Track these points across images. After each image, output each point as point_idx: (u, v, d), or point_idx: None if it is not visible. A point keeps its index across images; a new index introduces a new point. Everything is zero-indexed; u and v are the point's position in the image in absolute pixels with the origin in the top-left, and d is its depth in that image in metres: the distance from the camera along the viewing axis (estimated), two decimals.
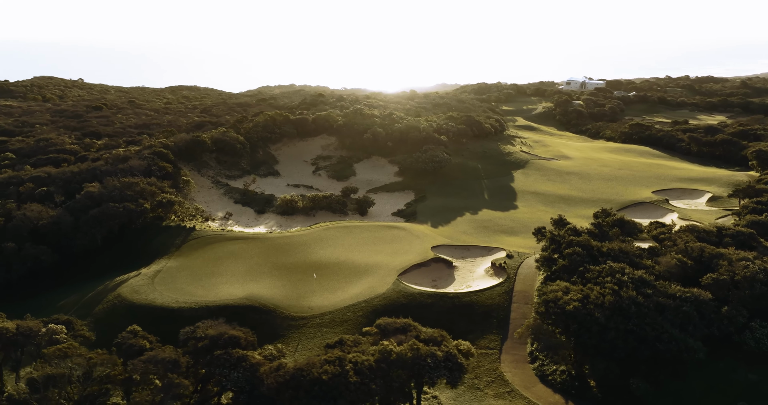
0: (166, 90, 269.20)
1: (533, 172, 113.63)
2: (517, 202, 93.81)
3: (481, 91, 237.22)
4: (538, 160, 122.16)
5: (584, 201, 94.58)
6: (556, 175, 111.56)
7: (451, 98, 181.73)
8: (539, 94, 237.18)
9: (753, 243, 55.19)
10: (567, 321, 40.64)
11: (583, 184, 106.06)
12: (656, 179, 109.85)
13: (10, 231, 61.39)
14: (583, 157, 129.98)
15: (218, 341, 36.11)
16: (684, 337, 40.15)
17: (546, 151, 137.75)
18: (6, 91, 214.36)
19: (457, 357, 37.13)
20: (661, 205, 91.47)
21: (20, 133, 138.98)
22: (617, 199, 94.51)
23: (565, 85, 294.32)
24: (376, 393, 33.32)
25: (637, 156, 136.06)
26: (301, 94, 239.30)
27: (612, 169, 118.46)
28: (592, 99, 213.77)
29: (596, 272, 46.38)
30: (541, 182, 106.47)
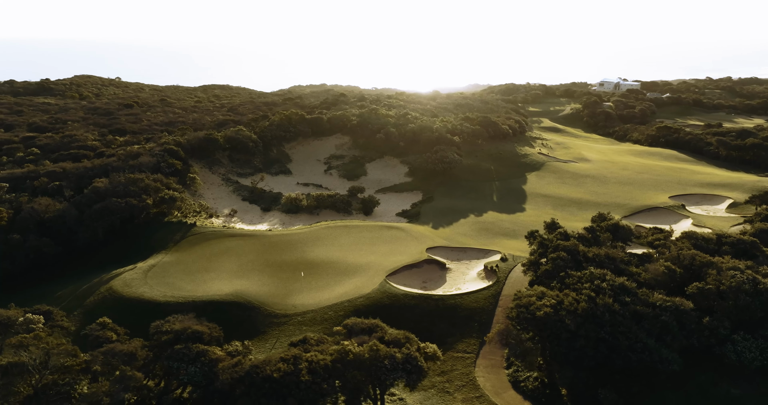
0: (198, 89, 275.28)
1: (548, 174, 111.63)
2: (526, 205, 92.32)
3: (508, 91, 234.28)
4: (555, 163, 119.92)
5: (596, 205, 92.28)
6: (571, 178, 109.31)
7: (475, 99, 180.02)
8: (568, 95, 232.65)
9: (755, 252, 52.89)
10: (537, 327, 39.82)
11: (598, 187, 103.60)
12: (677, 184, 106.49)
13: (18, 223, 63.93)
14: (603, 160, 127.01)
15: (181, 335, 36.81)
16: (659, 348, 38.82)
17: (566, 153, 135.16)
18: (47, 89, 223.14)
19: (418, 360, 36.81)
20: (676, 211, 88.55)
21: (52, 129, 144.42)
22: (630, 204, 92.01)
23: (598, 86, 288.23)
24: (328, 393, 33.36)
25: (661, 160, 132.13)
26: (329, 94, 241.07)
27: (632, 172, 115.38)
28: (622, 101, 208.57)
29: (576, 278, 45.26)
30: (554, 185, 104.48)
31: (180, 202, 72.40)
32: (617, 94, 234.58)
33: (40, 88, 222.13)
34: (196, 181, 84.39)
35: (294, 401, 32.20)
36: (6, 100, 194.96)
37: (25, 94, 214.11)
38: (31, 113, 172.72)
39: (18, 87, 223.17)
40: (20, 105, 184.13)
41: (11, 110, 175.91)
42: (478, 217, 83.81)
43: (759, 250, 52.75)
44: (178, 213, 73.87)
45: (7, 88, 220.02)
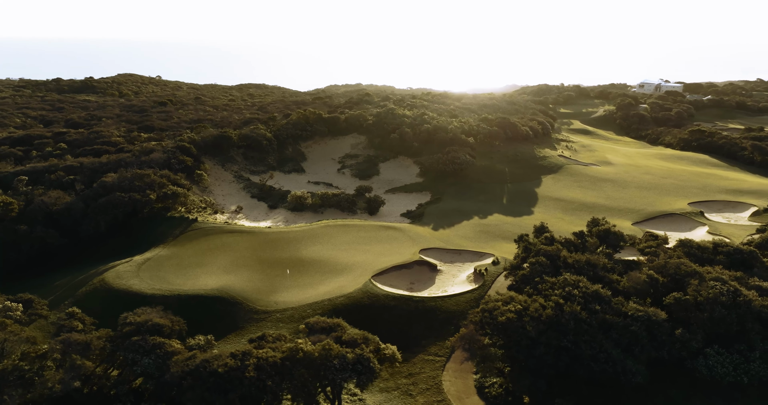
0: (234, 87, 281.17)
1: (565, 177, 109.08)
2: (535, 208, 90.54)
3: (540, 92, 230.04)
4: (575, 166, 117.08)
5: (609, 209, 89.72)
6: (589, 182, 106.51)
7: (502, 100, 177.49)
8: (603, 96, 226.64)
9: (753, 262, 50.41)
10: (498, 332, 39.11)
11: (616, 191, 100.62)
12: (701, 190, 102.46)
13: (27, 214, 66.94)
14: (627, 164, 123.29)
15: (141, 328, 37.85)
16: (623, 359, 37.52)
17: (589, 156, 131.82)
18: (90, 87, 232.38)
19: (370, 361, 36.73)
20: (692, 218, 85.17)
21: (87, 125, 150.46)
22: (645, 210, 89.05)
23: (638, 87, 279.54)
24: (272, 390, 33.69)
25: (690, 164, 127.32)
26: (356, 93, 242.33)
27: (655, 177, 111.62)
28: (659, 103, 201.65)
29: (550, 284, 44.18)
30: (569, 188, 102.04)
31: (183, 197, 74.17)
32: (654, 95, 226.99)
33: (84, 86, 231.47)
34: (203, 177, 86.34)
35: (235, 396, 32.65)
36: (50, 97, 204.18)
37: (69, 92, 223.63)
38: (71, 110, 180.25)
39: (63, 85, 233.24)
40: (62, 102, 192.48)
41: (53, 107, 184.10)
42: (482, 220, 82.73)
43: (757, 261, 50.25)
44: (182, 208, 75.77)
45: (54, 86, 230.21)
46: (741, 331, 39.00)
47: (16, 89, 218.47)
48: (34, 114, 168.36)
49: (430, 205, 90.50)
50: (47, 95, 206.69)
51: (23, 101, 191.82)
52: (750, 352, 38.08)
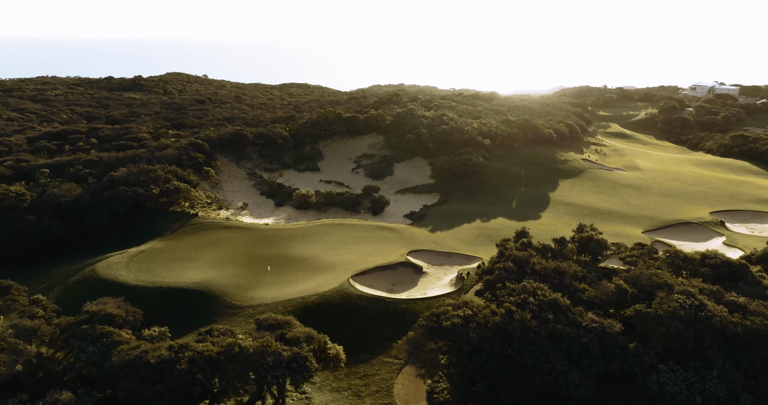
0: (276, 87, 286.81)
1: (585, 182, 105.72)
2: (544, 213, 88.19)
3: (580, 94, 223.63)
4: (598, 170, 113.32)
5: (623, 216, 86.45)
6: (609, 187, 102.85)
7: (535, 102, 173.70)
8: (647, 99, 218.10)
9: (740, 276, 47.49)
10: (442, 337, 38.40)
11: (635, 198, 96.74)
12: (729, 198, 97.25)
13: (38, 205, 70.71)
14: (655, 170, 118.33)
15: (94, 317, 39.33)
16: (567, 371, 36.12)
17: (618, 160, 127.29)
18: (138, 85, 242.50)
19: (308, 360, 36.83)
20: (710, 227, 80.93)
21: (125, 121, 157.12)
22: (661, 218, 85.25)
23: (689, 90, 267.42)
24: (201, 383, 34.34)
25: (726, 171, 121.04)
26: (386, 93, 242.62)
27: (682, 184, 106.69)
28: (705, 106, 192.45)
29: (509, 290, 43.01)
30: (586, 193, 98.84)
31: (186, 193, 76.40)
32: (702, 98, 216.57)
33: (133, 84, 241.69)
34: (210, 173, 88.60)
35: (163, 387, 33.47)
36: (99, 94, 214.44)
37: (119, 90, 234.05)
38: (116, 107, 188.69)
39: (114, 83, 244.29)
40: (109, 99, 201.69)
41: (100, 104, 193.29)
42: (484, 223, 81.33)
43: (745, 275, 47.31)
44: (186, 203, 78.06)
45: (105, 84, 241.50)
46: (698, 348, 36.80)
47: (70, 87, 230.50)
48: (80, 110, 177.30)
49: (435, 206, 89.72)
50: (97, 93, 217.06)
51: (74, 98, 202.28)
52: (707, 370, 35.87)
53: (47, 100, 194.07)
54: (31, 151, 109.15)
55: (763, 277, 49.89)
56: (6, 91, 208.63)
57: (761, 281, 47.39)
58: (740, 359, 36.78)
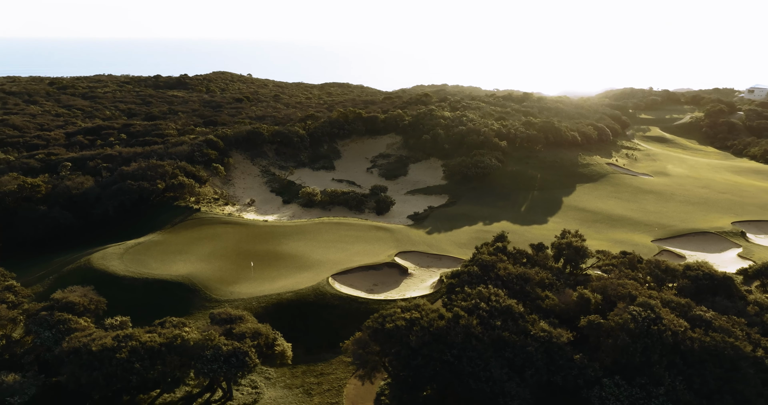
0: (317, 86, 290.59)
1: (604, 187, 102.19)
2: (552, 218, 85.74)
3: (623, 96, 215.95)
4: (622, 175, 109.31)
5: (635, 223, 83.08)
6: (629, 193, 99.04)
7: (569, 103, 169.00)
8: (695, 102, 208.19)
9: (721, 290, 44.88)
10: (383, 339, 38.07)
11: (655, 204, 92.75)
12: (759, 208, 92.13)
13: (51, 197, 74.46)
14: (685, 176, 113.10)
15: (56, 304, 41.16)
16: (505, 380, 35.12)
17: (647, 165, 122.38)
18: (183, 84, 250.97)
19: (248, 355, 37.33)
20: (728, 238, 76.79)
21: (162, 118, 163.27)
22: (676, 226, 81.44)
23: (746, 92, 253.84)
24: (138, 372, 35.37)
25: (764, 179, 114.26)
26: (438, 94, 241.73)
27: (710, 191, 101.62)
28: (757, 110, 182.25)
29: (465, 295, 42.18)
30: (602, 199, 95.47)
31: (190, 188, 78.63)
32: (756, 102, 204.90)
33: (178, 83, 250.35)
34: (219, 170, 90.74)
35: (100, 375, 34.69)
36: (144, 92, 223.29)
37: (164, 87, 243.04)
38: (157, 104, 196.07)
39: (161, 81, 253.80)
40: (152, 97, 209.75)
41: (143, 101, 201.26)
42: (486, 226, 79.89)
43: (726, 289, 44.71)
44: (192, 198, 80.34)
45: (152, 82, 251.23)
46: (646, 363, 34.96)
47: (120, 85, 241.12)
48: (123, 107, 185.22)
49: (440, 208, 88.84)
50: (143, 91, 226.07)
51: (121, 95, 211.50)
52: (654, 387, 34.07)
53: (96, 97, 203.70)
54: (65, 146, 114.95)
55: (750, 291, 47.00)
56: (61, 88, 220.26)
57: (746, 296, 44.68)
58: (693, 377, 34.78)
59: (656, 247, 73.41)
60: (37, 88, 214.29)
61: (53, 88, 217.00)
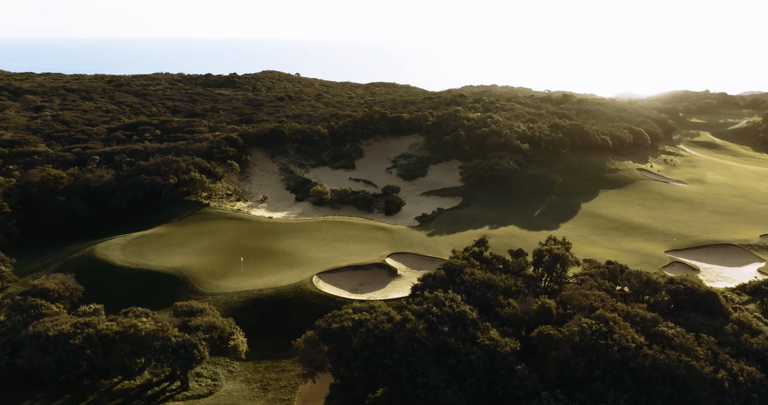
0: (362, 86, 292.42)
1: (630, 193, 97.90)
2: (565, 224, 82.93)
3: (675, 99, 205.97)
4: (652, 181, 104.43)
5: (653, 232, 79.24)
6: (655, 200, 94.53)
7: (610, 105, 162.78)
8: (754, 106, 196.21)
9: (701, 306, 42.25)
10: (328, 339, 38.07)
11: (680, 213, 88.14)
12: None
13: (71, 188, 78.53)
14: (723, 184, 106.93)
15: (32, 290, 43.48)
16: (442, 387, 34.40)
17: (684, 172, 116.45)
18: (231, 82, 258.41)
19: (196, 347, 38.21)
20: (751, 251, 72.35)
21: (204, 116, 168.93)
22: (697, 237, 77.15)
23: None
24: (88, 358, 36.92)
25: None
26: (483, 94, 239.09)
27: (746, 201, 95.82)
28: None
29: (421, 298, 41.56)
30: (624, 206, 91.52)
31: (202, 183, 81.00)
32: None
33: (227, 81, 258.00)
34: (234, 166, 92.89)
35: (52, 359, 36.42)
36: (193, 90, 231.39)
37: (213, 86, 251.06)
38: (203, 102, 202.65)
39: (211, 80, 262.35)
40: (199, 95, 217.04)
41: (190, 99, 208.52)
42: (492, 230, 78.16)
43: (711, 306, 42.00)
44: (204, 193, 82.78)
45: (202, 81, 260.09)
46: (589, 378, 33.32)
47: (172, 83, 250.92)
48: (170, 104, 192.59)
49: (450, 210, 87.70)
50: (192, 89, 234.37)
51: (170, 93, 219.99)
52: (595, 403, 32.49)
53: (147, 94, 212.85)
54: (104, 140, 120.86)
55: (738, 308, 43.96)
56: (117, 85, 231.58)
57: (729, 313, 41.89)
58: (640, 396, 32.96)
59: (668, 258, 69.78)
60: (95, 85, 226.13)
61: (110, 86, 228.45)
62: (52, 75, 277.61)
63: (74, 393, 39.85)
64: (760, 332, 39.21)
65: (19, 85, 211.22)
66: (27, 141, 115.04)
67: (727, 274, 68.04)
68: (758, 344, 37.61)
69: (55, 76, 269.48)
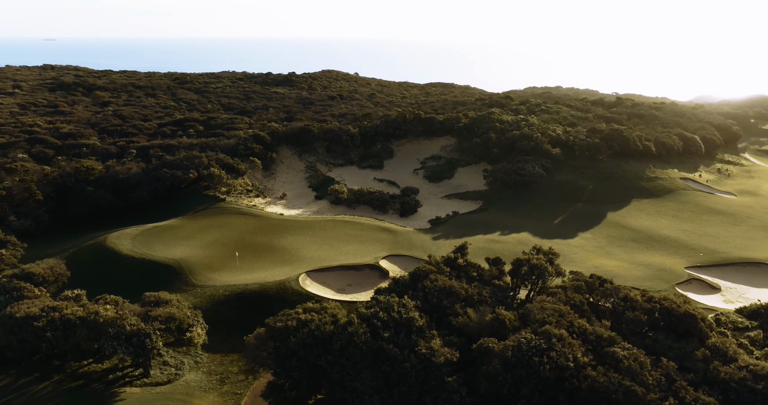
0: (417, 86, 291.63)
1: (665, 203, 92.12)
2: (584, 233, 79.12)
3: (747, 104, 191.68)
4: (695, 192, 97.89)
5: (679, 246, 74.33)
6: (692, 212, 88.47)
7: (668, 111, 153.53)
8: None
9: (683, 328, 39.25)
10: (271, 337, 38.32)
11: (716, 227, 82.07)
12: None
13: (100, 180, 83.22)
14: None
15: (19, 274, 46.48)
16: (370, 393, 33.86)
17: (736, 183, 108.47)
18: (288, 81, 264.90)
19: (150, 337, 39.54)
20: None
21: (252, 113, 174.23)
22: (728, 253, 71.92)
23: None
24: (48, 340, 39.06)
25: None
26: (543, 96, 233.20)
27: None
28: None
29: (374, 302, 41.02)
30: (654, 216, 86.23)
31: (220, 179, 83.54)
32: None
33: (285, 80, 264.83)
34: (255, 163, 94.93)
35: (15, 339, 38.82)
36: (251, 88, 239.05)
37: (272, 84, 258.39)
38: (257, 100, 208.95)
39: (270, 78, 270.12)
40: (255, 93, 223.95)
41: (245, 96, 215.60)
42: (501, 236, 75.88)
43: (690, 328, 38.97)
44: (224, 188, 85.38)
45: (261, 79, 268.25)
46: (516, 396, 31.63)
47: (233, 81, 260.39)
48: (225, 101, 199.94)
49: (465, 214, 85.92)
50: (250, 87, 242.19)
51: (229, 91, 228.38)
52: None
53: (207, 91, 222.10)
54: (151, 135, 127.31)
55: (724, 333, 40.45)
56: (181, 83, 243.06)
57: (707, 337, 38.62)
58: None
59: (685, 275, 65.20)
60: (162, 82, 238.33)
61: (175, 83, 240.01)
62: (127, 72, 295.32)
63: (42, 372, 42.29)
64: (734, 360, 35.83)
65: (93, 82, 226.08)
66: (81, 134, 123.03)
67: (751, 295, 62.67)
68: (726, 373, 34.39)
69: (130, 74, 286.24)
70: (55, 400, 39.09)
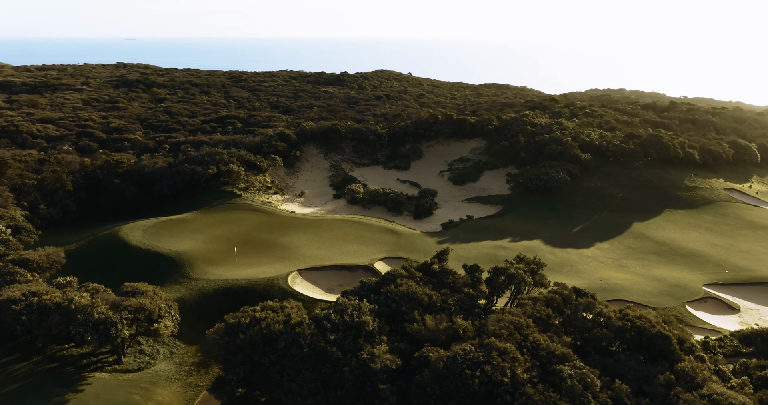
0: (469, 87, 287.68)
1: (701, 215, 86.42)
2: (601, 243, 75.43)
3: None
4: (737, 204, 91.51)
5: (704, 262, 69.65)
6: (729, 226, 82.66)
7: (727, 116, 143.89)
8: None
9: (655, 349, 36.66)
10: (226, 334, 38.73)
11: (750, 243, 76.57)
12: None
13: (127, 173, 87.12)
14: None
15: (16, 259, 49.29)
16: (305, 395, 33.65)
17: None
18: (340, 80, 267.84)
19: (115, 325, 40.92)
20: None
21: (297, 112, 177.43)
22: (758, 271, 67.25)
23: None
24: (22, 323, 41.23)
25: None
26: (602, 99, 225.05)
27: None
28: None
29: (332, 304, 40.71)
30: (684, 229, 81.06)
31: (237, 175, 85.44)
32: None
33: (336, 79, 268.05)
34: (276, 161, 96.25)
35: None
36: (302, 87, 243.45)
37: (323, 84, 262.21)
38: (305, 98, 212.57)
39: (322, 78, 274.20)
40: (305, 92, 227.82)
41: (294, 95, 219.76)
42: (510, 243, 73.59)
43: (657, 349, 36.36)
44: (242, 185, 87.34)
45: (314, 78, 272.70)
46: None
47: (286, 80, 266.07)
48: (274, 100, 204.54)
49: (481, 218, 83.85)
50: (301, 86, 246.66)
51: (279, 90, 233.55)
52: None
53: (258, 90, 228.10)
54: (192, 131, 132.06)
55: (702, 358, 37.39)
56: (236, 81, 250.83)
57: (678, 360, 35.90)
58: None
59: (702, 292, 60.87)
60: (218, 81, 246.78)
61: (230, 81, 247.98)
62: (189, 70, 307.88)
63: (24, 352, 44.66)
64: (700, 387, 33.05)
65: (154, 79, 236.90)
66: (128, 129, 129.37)
67: None
68: (686, 401, 31.79)
69: (192, 72, 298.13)
70: (26, 380, 41.19)
